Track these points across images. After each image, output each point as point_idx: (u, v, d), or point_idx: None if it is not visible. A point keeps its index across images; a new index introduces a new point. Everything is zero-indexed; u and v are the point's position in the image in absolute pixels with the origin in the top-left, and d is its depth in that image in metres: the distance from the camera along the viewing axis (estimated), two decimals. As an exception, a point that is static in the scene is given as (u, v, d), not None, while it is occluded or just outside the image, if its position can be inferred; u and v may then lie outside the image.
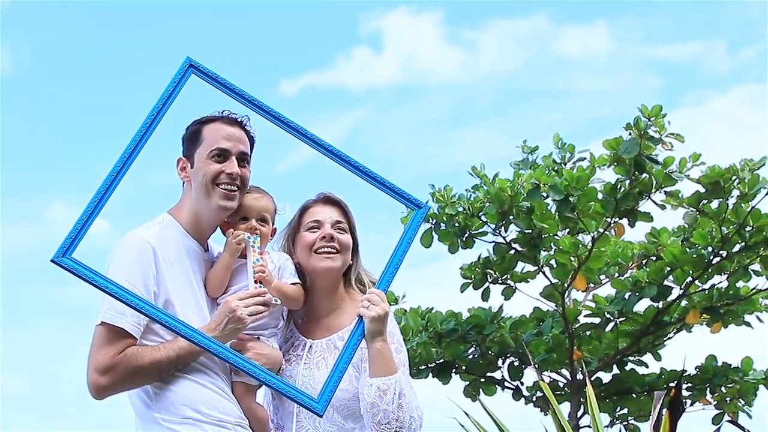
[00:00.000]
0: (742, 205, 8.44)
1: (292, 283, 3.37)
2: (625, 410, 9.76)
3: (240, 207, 3.35)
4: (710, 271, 8.89)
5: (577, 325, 9.40)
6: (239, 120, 3.38)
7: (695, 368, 9.54)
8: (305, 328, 3.48)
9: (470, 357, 9.61)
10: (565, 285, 9.11)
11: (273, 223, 3.44)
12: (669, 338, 9.67)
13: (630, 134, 8.13)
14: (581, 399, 9.10)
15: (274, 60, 12.94)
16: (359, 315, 3.23)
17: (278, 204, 3.46)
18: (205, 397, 3.17)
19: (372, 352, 3.21)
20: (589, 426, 8.95)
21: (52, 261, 2.96)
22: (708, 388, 9.50)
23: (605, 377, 9.70)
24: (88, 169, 10.41)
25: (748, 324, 9.33)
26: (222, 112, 3.38)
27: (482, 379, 9.75)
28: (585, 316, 9.48)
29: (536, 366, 9.27)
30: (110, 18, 12.69)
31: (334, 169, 3.40)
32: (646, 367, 9.72)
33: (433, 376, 9.57)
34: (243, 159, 3.35)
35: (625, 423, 9.77)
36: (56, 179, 12.05)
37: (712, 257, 8.76)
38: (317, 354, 3.38)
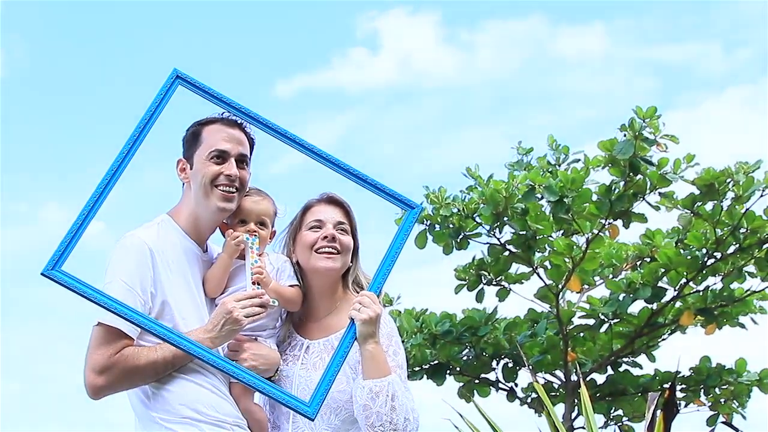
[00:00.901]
0: (737, 207, 8.46)
1: (291, 285, 3.37)
2: (620, 411, 9.77)
3: (239, 209, 3.35)
4: (704, 272, 8.91)
5: (571, 327, 9.41)
6: (239, 122, 3.39)
7: (689, 370, 9.56)
8: (303, 328, 3.47)
9: (464, 358, 9.61)
10: (560, 286, 9.12)
11: (272, 226, 3.44)
12: (663, 340, 9.69)
13: (625, 135, 8.14)
14: (575, 400, 9.12)
15: (270, 61, 12.94)
16: (351, 317, 3.23)
17: (278, 207, 3.46)
18: (203, 397, 3.17)
19: (364, 354, 3.20)
20: (583, 427, 8.95)
21: (42, 274, 2.97)
22: (702, 390, 9.52)
23: (599, 378, 9.72)
24: (82, 170, 10.40)
25: (742, 325, 9.35)
26: (222, 114, 3.39)
27: (476, 381, 9.76)
28: (579, 317, 9.49)
29: (530, 367, 9.28)
30: (105, 20, 12.69)
31: (326, 172, 3.41)
32: (641, 368, 9.74)
33: (427, 378, 9.57)
34: (242, 161, 3.35)
35: (620, 424, 9.78)
36: (50, 180, 12.03)
37: (706, 259, 8.78)
38: (314, 354, 3.38)
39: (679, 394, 9.51)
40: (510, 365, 9.68)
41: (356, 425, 3.27)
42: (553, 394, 9.64)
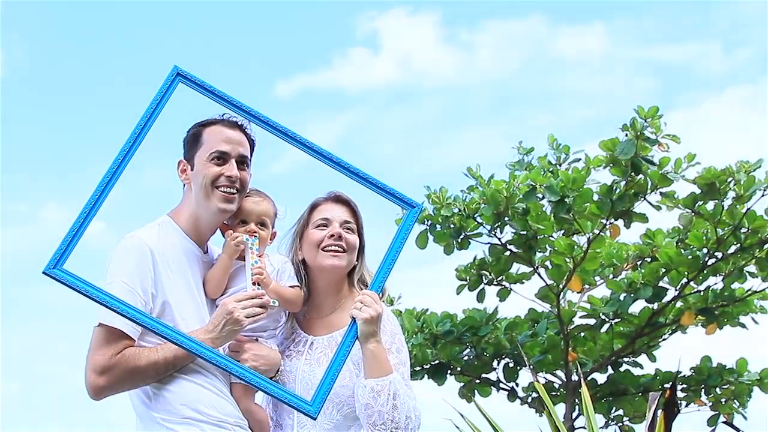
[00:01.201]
0: (738, 206, 8.46)
1: (291, 286, 3.38)
2: (620, 411, 9.76)
3: (240, 210, 3.36)
4: (705, 272, 8.90)
5: (572, 327, 9.40)
6: (239, 123, 3.40)
7: (690, 369, 9.55)
8: (307, 325, 3.50)
9: (465, 358, 9.60)
10: (560, 286, 9.11)
11: (273, 227, 3.45)
12: (664, 339, 9.68)
13: (626, 135, 8.14)
14: (576, 400, 9.11)
15: (270, 61, 12.93)
16: (352, 317, 3.24)
17: (278, 208, 3.47)
18: (204, 397, 3.18)
19: (366, 353, 3.22)
20: (584, 427, 8.94)
21: (43, 273, 2.98)
22: (703, 390, 9.51)
23: (600, 378, 9.71)
24: (82, 170, 10.40)
25: (743, 325, 9.34)
26: (222, 115, 3.40)
27: (477, 381, 9.75)
28: (580, 317, 9.48)
29: (531, 367, 9.27)
30: (105, 20, 12.69)
31: (328, 171, 3.42)
32: (641, 368, 9.73)
33: (428, 378, 9.57)
34: (243, 162, 3.36)
35: (620, 424, 9.77)
36: (50, 180, 12.03)
37: (707, 259, 8.77)
38: (318, 350, 3.40)
39: (679, 394, 9.50)
40: (511, 365, 9.67)
41: (358, 422, 3.29)
42: (554, 393, 9.64)
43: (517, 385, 9.78)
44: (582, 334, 9.51)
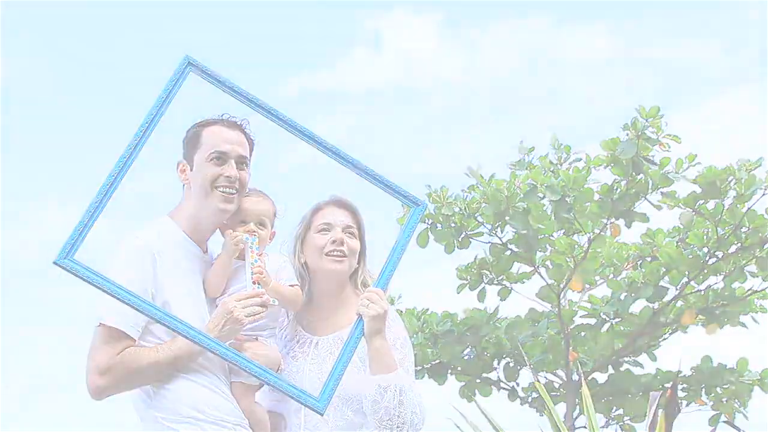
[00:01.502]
0: (738, 205, 8.46)
1: (291, 285, 3.38)
2: (621, 411, 9.75)
3: (239, 210, 3.37)
4: (706, 272, 8.90)
5: (572, 326, 9.40)
6: (239, 123, 3.40)
7: (691, 369, 9.54)
8: (311, 326, 3.52)
9: (466, 358, 9.61)
10: (561, 286, 9.11)
11: (272, 227, 3.46)
12: (664, 339, 9.67)
13: (627, 135, 8.15)
14: (577, 400, 9.11)
15: (273, 60, 12.93)
16: (358, 314, 3.27)
17: (278, 207, 3.48)
18: (205, 397, 3.19)
19: (371, 350, 3.25)
20: (584, 427, 8.94)
21: (54, 263, 2.96)
22: (703, 389, 9.51)
23: (601, 378, 9.71)
24: (83, 170, 10.40)
25: (743, 325, 9.34)
26: (222, 116, 3.40)
27: (478, 380, 9.75)
28: (581, 316, 9.48)
29: (532, 367, 9.27)
30: (108, 16, 12.69)
31: (328, 170, 3.43)
32: (642, 367, 9.73)
33: (428, 377, 9.57)
34: (242, 162, 3.36)
35: (621, 424, 9.77)
36: (51, 180, 12.03)
37: (707, 258, 8.77)
38: (324, 350, 3.42)
39: (680, 394, 9.50)
40: (511, 365, 9.67)
41: (367, 418, 3.30)
42: (555, 393, 9.63)
43: (517, 384, 9.78)
44: (583, 333, 9.51)
